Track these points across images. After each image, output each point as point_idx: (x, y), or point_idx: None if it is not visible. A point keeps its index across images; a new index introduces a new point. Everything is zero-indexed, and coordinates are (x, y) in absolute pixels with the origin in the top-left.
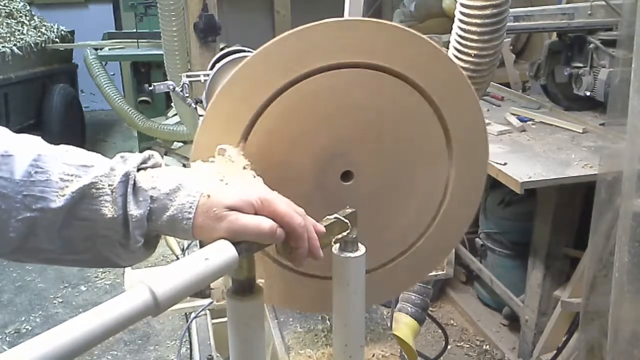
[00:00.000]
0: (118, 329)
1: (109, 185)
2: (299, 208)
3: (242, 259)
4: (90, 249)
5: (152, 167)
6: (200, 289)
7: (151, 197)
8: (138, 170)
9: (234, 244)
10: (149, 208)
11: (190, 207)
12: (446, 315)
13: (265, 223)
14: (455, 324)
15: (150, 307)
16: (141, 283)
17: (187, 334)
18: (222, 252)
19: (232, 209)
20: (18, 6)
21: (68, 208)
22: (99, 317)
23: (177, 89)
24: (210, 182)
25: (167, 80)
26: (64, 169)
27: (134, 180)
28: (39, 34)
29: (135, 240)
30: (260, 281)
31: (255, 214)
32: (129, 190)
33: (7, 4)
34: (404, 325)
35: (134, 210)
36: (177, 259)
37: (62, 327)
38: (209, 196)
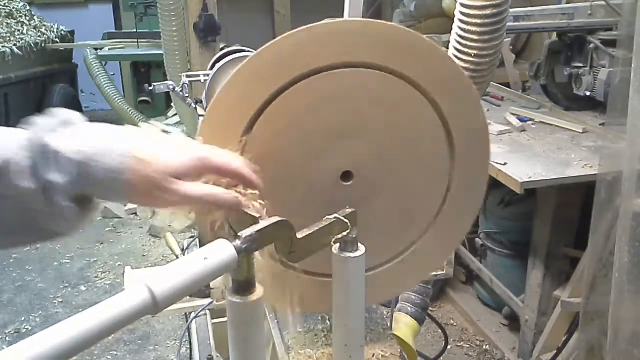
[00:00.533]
0: (117, 328)
1: (26, 156)
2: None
3: (241, 258)
4: (31, 226)
5: (74, 126)
6: (199, 288)
7: (75, 161)
8: (58, 132)
9: (234, 243)
10: (73, 172)
11: (122, 169)
12: (446, 315)
13: (211, 193)
14: (455, 324)
15: (148, 306)
16: (140, 282)
17: (187, 334)
18: (221, 251)
19: (175, 176)
20: (18, 6)
21: None
22: (98, 316)
23: (177, 89)
24: (141, 142)
25: (167, 80)
26: None
27: (52, 146)
28: (39, 34)
29: (63, 207)
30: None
31: (199, 175)
32: (49, 157)
33: (7, 4)
34: (404, 325)
35: (55, 177)
36: (177, 258)
37: (61, 326)
38: (146, 161)
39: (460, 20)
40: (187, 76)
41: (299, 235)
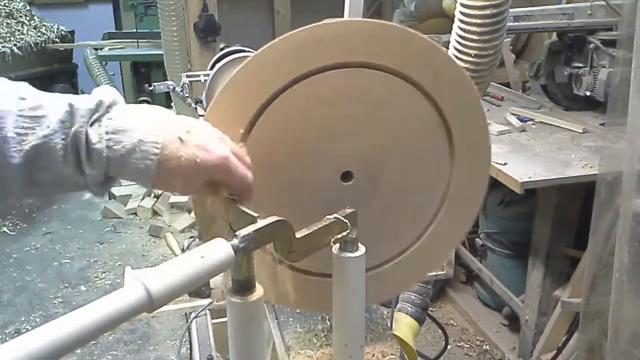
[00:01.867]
0: (112, 326)
1: (62, 142)
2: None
3: (240, 257)
4: (62, 190)
5: (106, 112)
6: (196, 287)
7: (107, 157)
8: (92, 124)
9: (231, 242)
10: (104, 167)
11: (148, 172)
12: (446, 315)
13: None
14: (455, 324)
15: (144, 303)
16: (136, 280)
17: (187, 334)
18: (218, 250)
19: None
20: (18, 6)
21: (26, 163)
22: (93, 313)
23: (177, 89)
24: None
25: (167, 80)
26: (19, 122)
27: (87, 139)
28: (39, 34)
29: (94, 190)
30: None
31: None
32: (82, 150)
33: (7, 4)
34: (404, 325)
35: (89, 170)
36: None
37: (57, 323)
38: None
39: (460, 20)
40: (187, 76)
41: (298, 235)
